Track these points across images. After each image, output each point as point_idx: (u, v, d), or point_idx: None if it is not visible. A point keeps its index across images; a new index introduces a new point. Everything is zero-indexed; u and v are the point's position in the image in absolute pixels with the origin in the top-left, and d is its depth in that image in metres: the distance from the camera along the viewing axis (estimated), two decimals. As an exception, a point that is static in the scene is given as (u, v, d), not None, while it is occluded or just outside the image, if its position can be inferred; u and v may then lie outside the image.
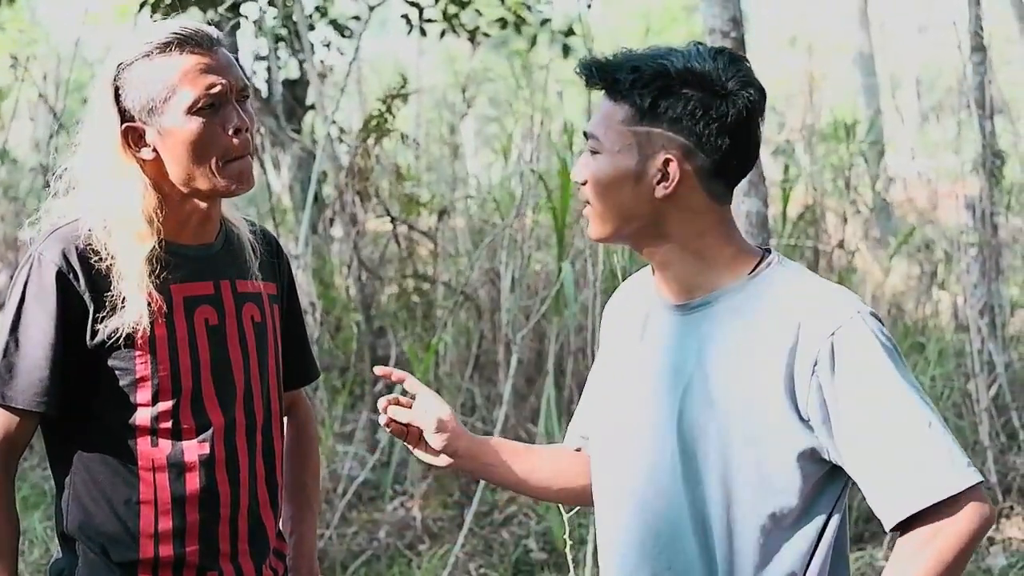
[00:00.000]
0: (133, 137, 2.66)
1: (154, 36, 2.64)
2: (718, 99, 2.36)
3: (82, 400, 2.67)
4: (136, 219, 2.63)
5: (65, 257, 2.61)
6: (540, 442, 6.80)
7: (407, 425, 2.68)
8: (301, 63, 11.25)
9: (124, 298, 2.60)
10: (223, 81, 2.64)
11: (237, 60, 2.81)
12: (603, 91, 2.44)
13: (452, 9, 11.41)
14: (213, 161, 2.63)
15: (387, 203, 8.14)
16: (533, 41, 11.55)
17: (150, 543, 2.68)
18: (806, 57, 11.14)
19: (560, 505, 3.78)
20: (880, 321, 2.35)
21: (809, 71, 10.17)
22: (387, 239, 8.73)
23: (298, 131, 10.70)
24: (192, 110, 2.61)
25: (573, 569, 3.71)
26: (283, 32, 11.23)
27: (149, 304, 2.61)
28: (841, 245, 9.41)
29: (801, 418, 2.32)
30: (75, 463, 2.71)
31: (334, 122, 9.46)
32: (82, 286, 2.61)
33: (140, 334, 2.62)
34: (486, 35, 11.76)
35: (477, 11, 11.72)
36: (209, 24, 8.77)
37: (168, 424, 2.67)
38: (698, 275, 2.44)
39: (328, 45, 11.73)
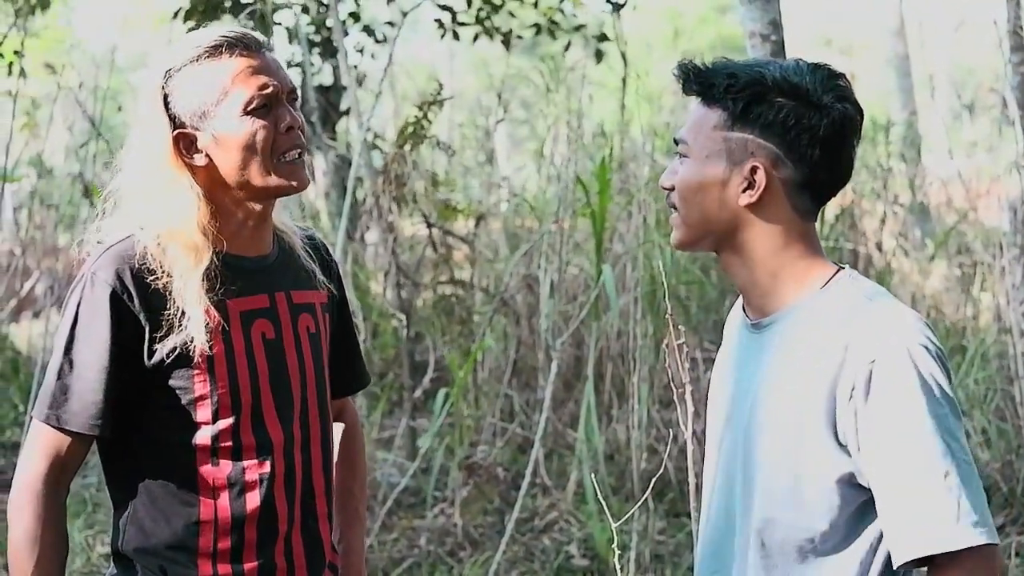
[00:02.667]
0: (184, 144, 2.64)
1: (201, 40, 2.64)
2: (812, 110, 2.32)
3: (140, 421, 2.64)
4: (190, 232, 2.61)
5: (119, 277, 2.58)
6: (579, 447, 6.79)
7: None
8: (335, 69, 11.26)
9: (181, 316, 2.58)
10: (275, 81, 2.63)
11: None
12: (697, 96, 2.41)
13: (485, 13, 11.40)
14: (268, 160, 2.62)
15: (423, 209, 8.12)
16: (567, 46, 11.53)
17: (208, 562, 2.66)
18: (841, 58, 11.05)
19: (607, 510, 3.74)
20: (933, 354, 2.26)
21: (848, 72, 10.09)
22: (424, 245, 8.72)
23: (332, 137, 10.70)
24: (246, 111, 2.60)
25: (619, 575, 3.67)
26: (316, 38, 11.25)
27: (206, 322, 2.59)
28: (879, 247, 9.35)
29: (839, 443, 2.27)
30: (134, 483, 2.68)
31: (369, 128, 9.44)
32: (137, 306, 2.58)
33: (198, 352, 2.59)
34: (519, 38, 11.75)
35: (511, 14, 11.71)
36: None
37: (229, 443, 2.65)
38: (769, 294, 2.41)
39: (361, 51, 11.74)
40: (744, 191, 2.35)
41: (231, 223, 2.69)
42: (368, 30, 11.61)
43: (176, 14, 11.11)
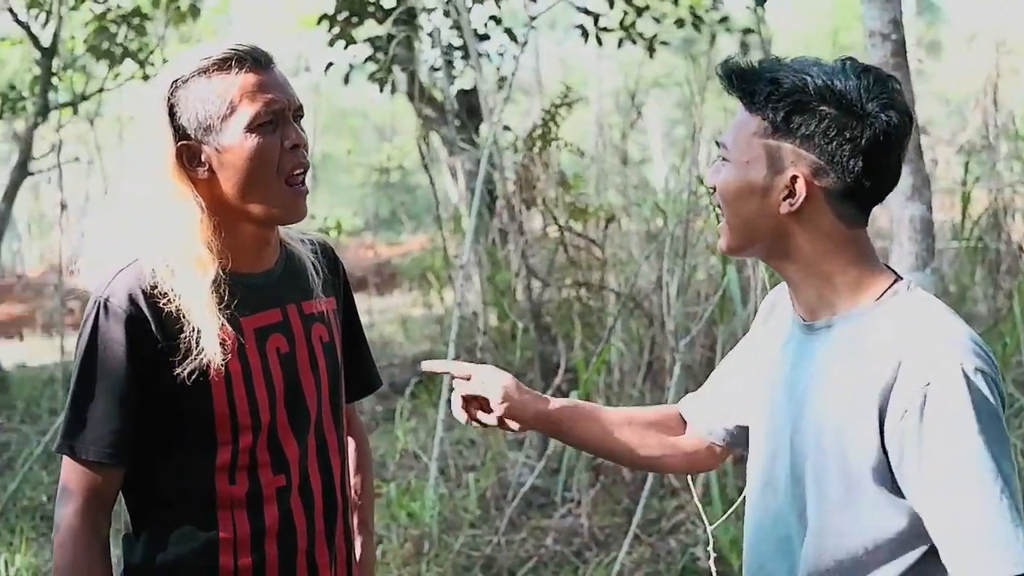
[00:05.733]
0: (187, 156, 2.58)
1: (211, 52, 2.58)
2: (854, 119, 2.27)
3: (162, 444, 2.60)
4: (194, 245, 2.56)
5: (133, 302, 2.53)
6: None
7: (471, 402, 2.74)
8: (482, 73, 11.37)
9: (198, 337, 2.52)
10: (282, 98, 2.59)
11: (414, 69, 2.68)
12: (739, 100, 2.38)
13: (629, 18, 11.40)
14: (272, 179, 2.58)
15: (554, 210, 8.15)
16: (712, 39, 11.49)
17: None
18: (993, 54, 10.79)
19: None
20: (989, 377, 2.21)
21: (997, 68, 9.86)
22: (555, 246, 8.75)
23: (475, 140, 10.79)
24: (251, 127, 2.55)
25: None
26: (459, 42, 11.35)
27: (222, 342, 2.55)
28: (1020, 248, 9.15)
29: (887, 459, 2.24)
30: (153, 504, 2.65)
31: (507, 128, 9.50)
32: (154, 331, 2.53)
33: (216, 373, 2.54)
34: (664, 43, 11.74)
35: (655, 19, 11.70)
36: (387, 36, 8.84)
37: (246, 460, 2.61)
38: (821, 297, 2.37)
39: (503, 54, 11.82)
40: (784, 199, 2.32)
41: (235, 239, 2.63)
42: (510, 33, 11.67)
43: (320, 20, 11.31)
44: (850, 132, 2.27)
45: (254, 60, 2.59)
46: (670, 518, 6.95)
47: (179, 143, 2.58)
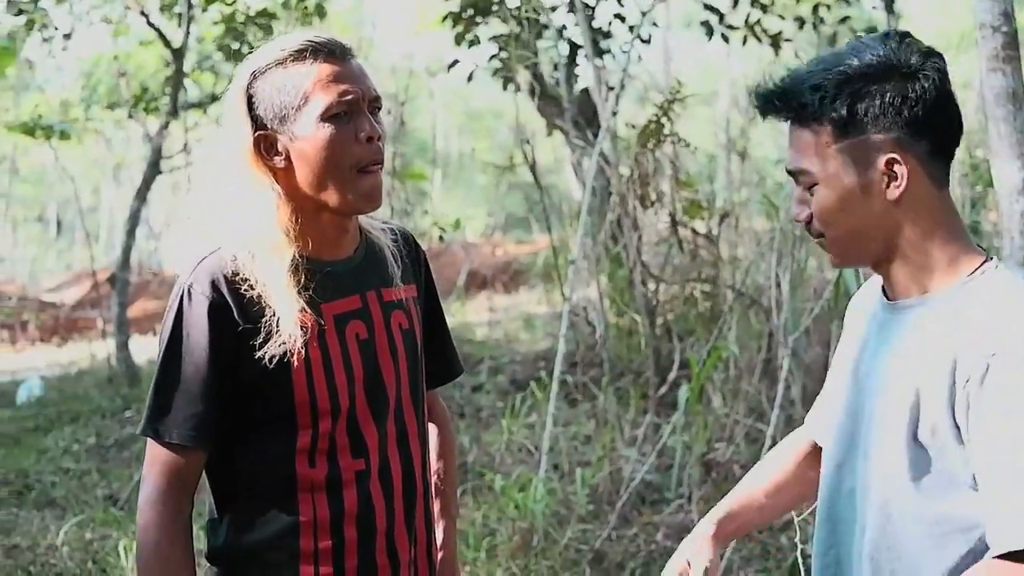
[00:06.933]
0: (265, 145, 2.63)
1: (288, 44, 2.62)
2: (909, 80, 2.27)
3: (242, 428, 2.65)
4: (272, 231, 2.60)
5: (216, 288, 2.58)
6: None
7: None
8: (599, 70, 11.39)
9: (278, 321, 2.57)
10: (356, 89, 2.61)
11: (535, 67, 2.69)
12: (790, 120, 2.36)
13: (754, 15, 11.35)
14: (345, 169, 2.60)
15: (668, 206, 8.13)
16: (834, 38, 11.39)
17: (310, 564, 2.67)
18: None
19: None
20: None
21: None
22: (669, 243, 8.73)
23: (590, 137, 10.81)
24: (325, 117, 2.58)
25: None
26: (582, 41, 11.38)
27: (303, 327, 2.59)
28: None
29: (957, 430, 2.23)
30: (234, 487, 2.70)
31: (630, 125, 9.49)
32: (236, 316, 2.58)
33: (296, 357, 2.58)
34: (788, 40, 11.67)
35: (780, 16, 11.63)
36: (510, 35, 8.91)
37: (326, 444, 2.64)
38: (914, 277, 2.36)
39: (627, 52, 11.82)
40: (888, 187, 2.30)
41: (313, 227, 2.67)
42: (632, 30, 11.66)
43: (445, 18, 11.41)
44: (913, 92, 2.27)
45: (329, 51, 2.63)
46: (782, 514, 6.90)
47: (256, 133, 2.63)
